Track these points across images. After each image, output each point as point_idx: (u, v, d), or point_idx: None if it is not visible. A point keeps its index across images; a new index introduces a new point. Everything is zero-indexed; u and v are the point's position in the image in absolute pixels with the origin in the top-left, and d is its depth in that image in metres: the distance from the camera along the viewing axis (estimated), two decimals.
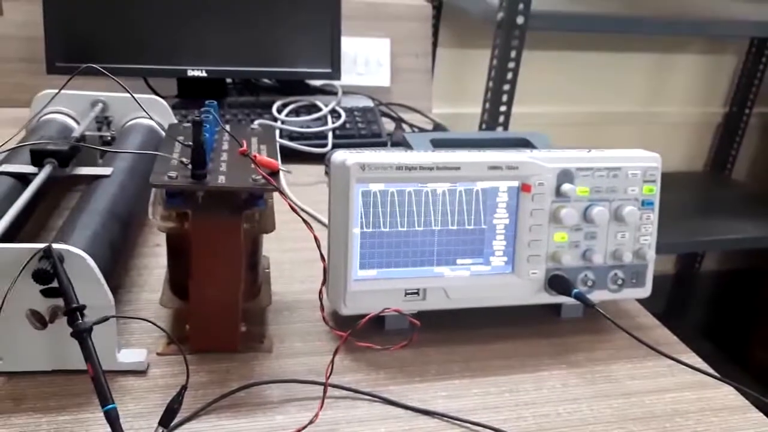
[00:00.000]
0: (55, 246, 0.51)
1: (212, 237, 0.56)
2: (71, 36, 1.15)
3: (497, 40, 1.40)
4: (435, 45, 1.76)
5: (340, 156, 0.63)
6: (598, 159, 0.67)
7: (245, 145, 0.54)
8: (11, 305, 0.52)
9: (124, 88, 0.57)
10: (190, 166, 0.54)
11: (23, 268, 0.51)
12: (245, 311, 0.63)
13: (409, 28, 1.52)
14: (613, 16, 1.50)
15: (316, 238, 0.55)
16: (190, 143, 0.54)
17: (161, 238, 0.60)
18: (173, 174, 0.54)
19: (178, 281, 0.62)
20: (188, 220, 0.56)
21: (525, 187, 0.65)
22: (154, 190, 0.58)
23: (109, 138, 0.84)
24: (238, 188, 0.54)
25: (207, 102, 0.64)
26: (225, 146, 0.62)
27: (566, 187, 0.65)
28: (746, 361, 2.18)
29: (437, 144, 0.74)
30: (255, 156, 0.56)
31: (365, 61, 1.48)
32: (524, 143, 0.75)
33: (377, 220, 0.63)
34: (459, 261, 0.66)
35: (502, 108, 1.46)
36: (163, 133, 0.76)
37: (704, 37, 2.01)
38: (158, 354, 0.61)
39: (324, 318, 0.60)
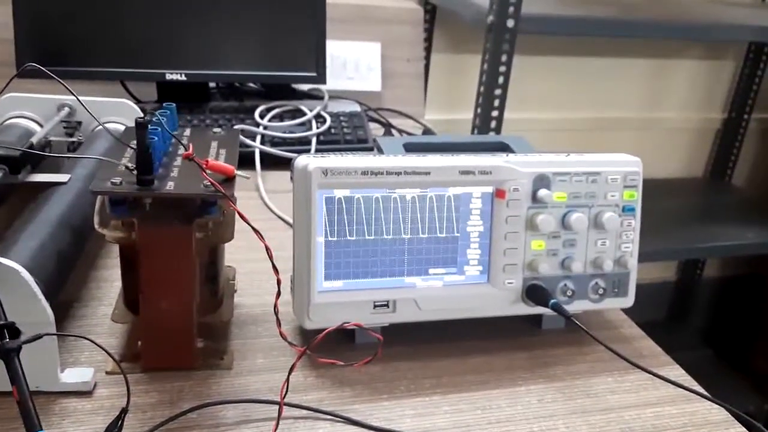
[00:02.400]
0: None
1: (162, 247, 0.53)
2: (43, 38, 1.11)
3: (488, 44, 1.37)
4: (429, 50, 1.73)
5: (302, 161, 0.59)
6: (577, 163, 0.63)
7: (191, 148, 0.50)
8: None
9: (68, 89, 0.54)
10: (135, 172, 0.51)
11: None
12: (204, 326, 0.60)
13: (400, 32, 1.49)
14: (605, 20, 1.47)
15: (267, 249, 0.52)
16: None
17: None
18: (117, 180, 0.51)
19: (132, 295, 0.58)
20: (135, 230, 0.53)
21: (499, 193, 0.62)
22: (99, 197, 0.55)
23: (75, 143, 0.81)
24: (184, 195, 0.51)
25: (165, 104, 0.61)
26: (182, 151, 0.59)
27: (543, 192, 0.62)
28: (747, 368, 2.14)
29: (410, 148, 0.70)
30: (207, 161, 0.52)
31: (355, 65, 1.45)
32: (502, 147, 0.72)
33: (343, 228, 0.60)
34: (431, 271, 0.63)
35: (494, 113, 1.43)
36: None
37: (701, 41, 1.98)
38: (107, 373, 0.58)
39: (281, 333, 0.57)
